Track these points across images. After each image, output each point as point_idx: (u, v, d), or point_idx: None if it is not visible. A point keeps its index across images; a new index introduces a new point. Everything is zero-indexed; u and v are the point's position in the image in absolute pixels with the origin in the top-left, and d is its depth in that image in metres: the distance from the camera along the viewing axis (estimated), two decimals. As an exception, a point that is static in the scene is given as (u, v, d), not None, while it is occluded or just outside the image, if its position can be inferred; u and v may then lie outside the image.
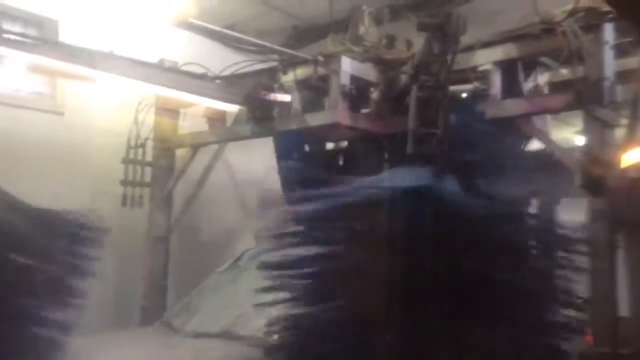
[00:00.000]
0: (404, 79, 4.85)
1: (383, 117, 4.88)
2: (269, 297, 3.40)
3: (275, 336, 3.43)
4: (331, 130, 4.89)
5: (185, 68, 5.78)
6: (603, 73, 3.75)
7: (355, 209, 3.34)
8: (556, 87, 4.52)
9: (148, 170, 5.99)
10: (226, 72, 5.39)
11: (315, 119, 4.85)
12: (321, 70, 4.84)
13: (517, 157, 4.05)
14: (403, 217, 3.29)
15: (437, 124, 3.64)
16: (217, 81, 5.49)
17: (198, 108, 5.76)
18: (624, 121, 3.87)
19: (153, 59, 5.86)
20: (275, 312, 3.41)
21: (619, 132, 3.88)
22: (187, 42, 6.41)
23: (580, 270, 3.70)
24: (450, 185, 3.39)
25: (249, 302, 3.78)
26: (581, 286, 3.78)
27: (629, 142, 3.96)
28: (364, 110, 5.02)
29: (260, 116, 5.09)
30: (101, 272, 3.71)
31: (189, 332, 4.10)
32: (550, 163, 4.03)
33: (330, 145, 5.45)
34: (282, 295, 3.36)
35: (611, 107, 3.79)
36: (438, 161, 3.57)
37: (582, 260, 3.71)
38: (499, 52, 4.36)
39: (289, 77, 5.07)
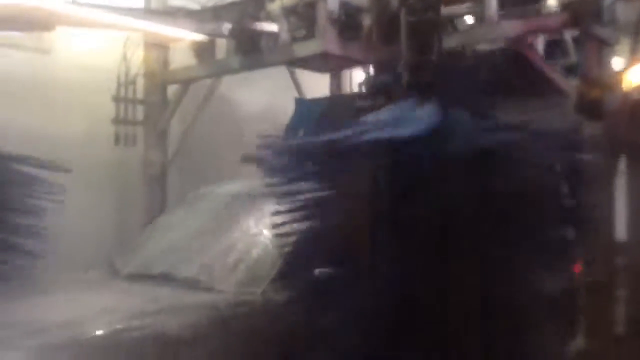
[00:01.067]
0: (396, 2, 4.60)
1: (376, 45, 4.66)
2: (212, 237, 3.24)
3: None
4: (321, 62, 4.70)
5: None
6: (603, -11, 3.51)
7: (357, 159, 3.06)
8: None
9: (141, 108, 5.89)
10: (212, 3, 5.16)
11: (302, 49, 4.65)
12: (309, -3, 4.60)
13: (514, 83, 3.84)
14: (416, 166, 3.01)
15: (431, 50, 3.41)
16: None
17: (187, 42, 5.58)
18: (625, 41, 3.65)
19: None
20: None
21: (619, 53, 3.66)
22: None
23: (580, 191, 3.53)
24: (460, 119, 3.11)
25: (194, 243, 3.55)
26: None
27: (630, 62, 3.76)
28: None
29: (247, 48, 4.90)
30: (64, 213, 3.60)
31: (126, 274, 3.60)
32: (549, 88, 3.83)
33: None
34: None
35: (610, 25, 3.55)
36: (436, 91, 3.36)
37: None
38: (495, -31, 4.09)
39: (276, 5, 4.83)
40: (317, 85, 6.24)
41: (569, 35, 4.37)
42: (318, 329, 2.89)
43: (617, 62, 3.65)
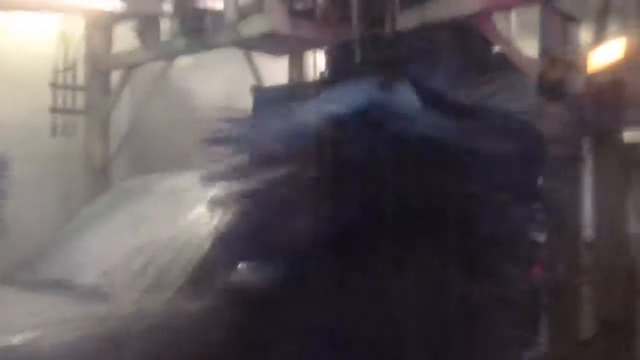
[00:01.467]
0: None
1: (330, 23, 4.29)
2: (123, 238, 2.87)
3: None
4: (270, 42, 4.33)
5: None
6: (567, -44, 3.19)
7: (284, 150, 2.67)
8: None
9: (81, 96, 5.48)
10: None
11: (249, 29, 4.28)
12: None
13: (474, 61, 3.51)
14: (345, 152, 2.63)
15: (383, 23, 3.08)
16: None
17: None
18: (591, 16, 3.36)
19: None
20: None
21: (584, 29, 3.35)
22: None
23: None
24: (405, 98, 2.76)
25: (100, 245, 3.13)
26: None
27: (596, 39, 3.47)
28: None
29: (192, 28, 4.52)
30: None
31: (21, 280, 3.18)
32: (509, 67, 3.52)
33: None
34: None
35: (576, -2, 3.25)
36: (389, 68, 3.02)
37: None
38: None
39: (222, -20, 4.46)
40: (278, 70, 5.89)
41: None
42: (242, 346, 2.49)
43: (583, 40, 3.33)
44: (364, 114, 2.57)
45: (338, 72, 4.24)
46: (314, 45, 4.48)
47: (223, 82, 6.39)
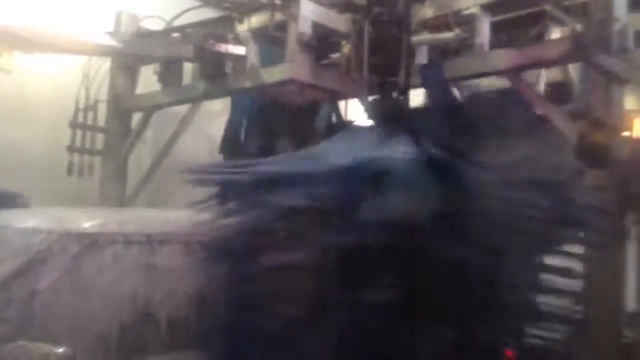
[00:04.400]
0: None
1: (354, 75, 4.08)
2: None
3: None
4: (289, 89, 4.13)
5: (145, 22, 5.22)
6: (611, 12, 2.91)
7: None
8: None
9: (100, 136, 5.36)
10: (178, 22, 4.67)
11: (270, 75, 4.10)
12: (279, 17, 4.08)
13: (504, 120, 3.24)
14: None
15: (396, 71, 2.86)
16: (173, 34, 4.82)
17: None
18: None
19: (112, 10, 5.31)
20: None
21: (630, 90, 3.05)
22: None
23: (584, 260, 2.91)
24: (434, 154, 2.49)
25: None
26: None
27: (643, 101, 3.16)
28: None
29: (212, 72, 4.36)
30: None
31: None
32: (545, 129, 3.22)
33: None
34: None
35: (621, 56, 2.96)
36: (399, 119, 2.79)
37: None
38: (487, -8, 3.55)
39: (245, 27, 4.32)
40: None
41: (575, 74, 3.80)
42: None
43: (629, 101, 3.03)
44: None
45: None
46: (336, 95, 4.28)
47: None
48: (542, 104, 3.29)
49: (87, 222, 2.91)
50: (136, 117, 5.42)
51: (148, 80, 5.33)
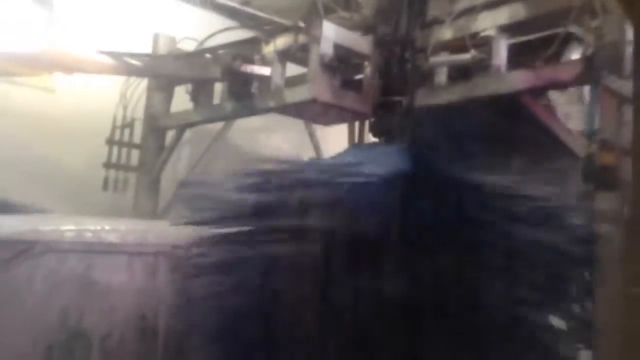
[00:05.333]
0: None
1: (374, 97, 4.14)
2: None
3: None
4: (313, 110, 4.24)
5: (182, 43, 5.45)
6: (624, 34, 2.91)
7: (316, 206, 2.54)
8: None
9: (135, 153, 5.59)
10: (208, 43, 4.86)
11: (292, 95, 4.22)
12: (303, 39, 4.20)
13: (513, 139, 3.26)
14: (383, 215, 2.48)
15: (402, 90, 2.91)
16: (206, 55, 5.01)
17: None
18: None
19: (149, 32, 5.57)
20: None
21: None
22: (196, 18, 5.97)
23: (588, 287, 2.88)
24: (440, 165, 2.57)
25: None
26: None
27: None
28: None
29: (239, 92, 4.51)
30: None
31: None
32: (557, 149, 3.22)
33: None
34: None
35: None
36: (404, 136, 2.84)
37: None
38: (504, 14, 3.58)
39: (271, 48, 4.46)
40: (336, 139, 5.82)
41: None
42: None
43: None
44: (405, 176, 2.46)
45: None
46: (359, 115, 4.35)
47: (279, 146, 6.39)
48: (556, 125, 3.28)
49: (26, 227, 2.64)
50: (170, 135, 5.62)
51: (181, 99, 5.56)
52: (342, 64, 4.12)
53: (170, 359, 2.57)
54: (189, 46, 5.40)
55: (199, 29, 5.45)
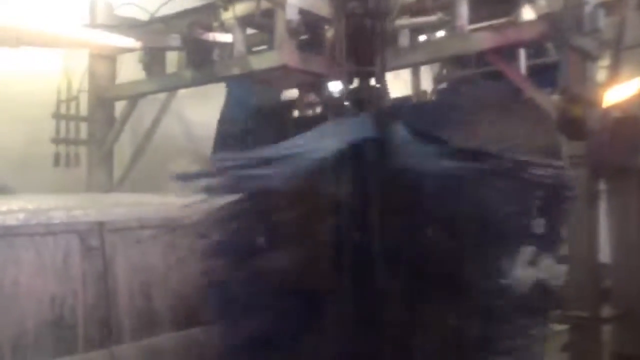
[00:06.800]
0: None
1: (338, 60, 4.26)
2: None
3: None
4: (280, 76, 4.31)
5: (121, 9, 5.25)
6: (583, -5, 3.20)
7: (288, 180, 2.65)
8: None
9: (84, 126, 5.42)
10: (162, 11, 4.75)
11: (259, 62, 4.27)
12: (265, 5, 4.22)
13: (480, 100, 3.50)
14: (345, 182, 2.64)
15: (373, 60, 3.01)
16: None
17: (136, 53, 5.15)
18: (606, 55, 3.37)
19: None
20: None
21: (600, 67, 3.36)
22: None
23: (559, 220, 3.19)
24: (403, 135, 2.74)
25: None
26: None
27: (612, 76, 3.48)
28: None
29: (199, 60, 4.49)
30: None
31: None
32: (524, 106, 3.51)
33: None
34: None
35: (593, 36, 3.26)
36: (376, 107, 2.96)
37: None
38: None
39: (230, 14, 4.44)
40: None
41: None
42: None
43: (601, 76, 3.34)
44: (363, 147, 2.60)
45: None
46: (321, 79, 4.46)
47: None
48: (523, 82, 3.57)
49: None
50: (119, 106, 5.48)
51: (127, 68, 5.41)
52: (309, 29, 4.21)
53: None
54: (129, 13, 5.25)
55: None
